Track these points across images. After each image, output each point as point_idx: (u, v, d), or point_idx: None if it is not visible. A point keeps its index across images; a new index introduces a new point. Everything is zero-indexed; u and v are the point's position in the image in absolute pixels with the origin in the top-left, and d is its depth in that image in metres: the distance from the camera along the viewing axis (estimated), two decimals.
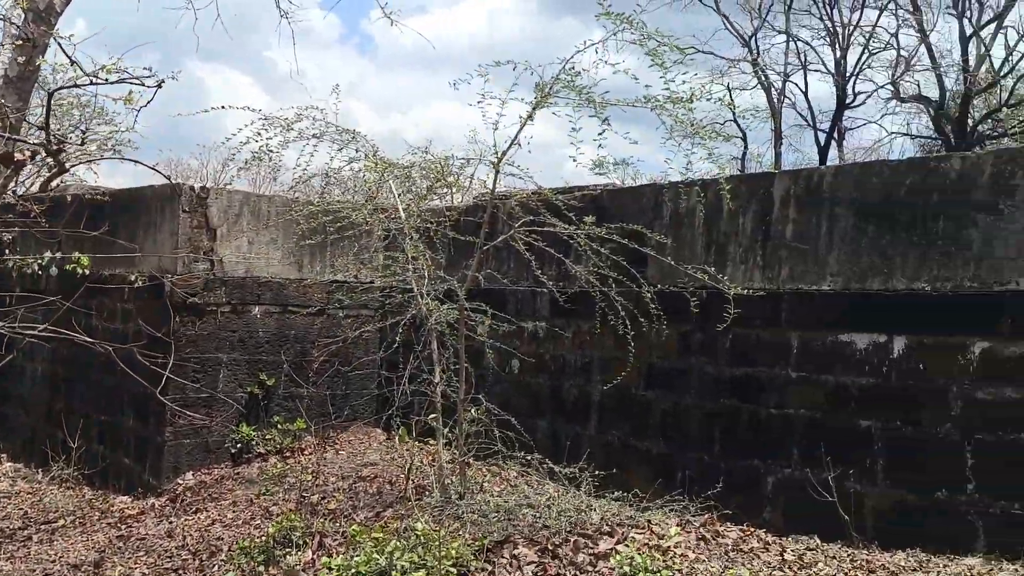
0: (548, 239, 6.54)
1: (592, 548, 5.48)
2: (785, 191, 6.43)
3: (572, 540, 5.55)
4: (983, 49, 24.75)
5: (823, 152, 22.89)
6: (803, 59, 23.16)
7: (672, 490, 6.65)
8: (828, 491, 5.79)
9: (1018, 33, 24.68)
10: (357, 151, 7.25)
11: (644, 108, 5.76)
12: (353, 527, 5.42)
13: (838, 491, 5.77)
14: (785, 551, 5.50)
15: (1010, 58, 24.78)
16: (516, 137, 6.15)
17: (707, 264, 6.73)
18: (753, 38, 22.95)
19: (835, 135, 23.37)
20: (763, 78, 23.14)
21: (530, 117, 6.06)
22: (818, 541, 5.71)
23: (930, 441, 5.50)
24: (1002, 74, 24.95)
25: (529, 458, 6.48)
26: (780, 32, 23.29)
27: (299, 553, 5.57)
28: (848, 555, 5.37)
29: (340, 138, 7.23)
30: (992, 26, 24.23)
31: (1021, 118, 25.39)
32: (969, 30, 24.62)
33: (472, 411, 6.78)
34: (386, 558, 4.77)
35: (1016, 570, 4.83)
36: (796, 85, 23.90)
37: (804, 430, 6.14)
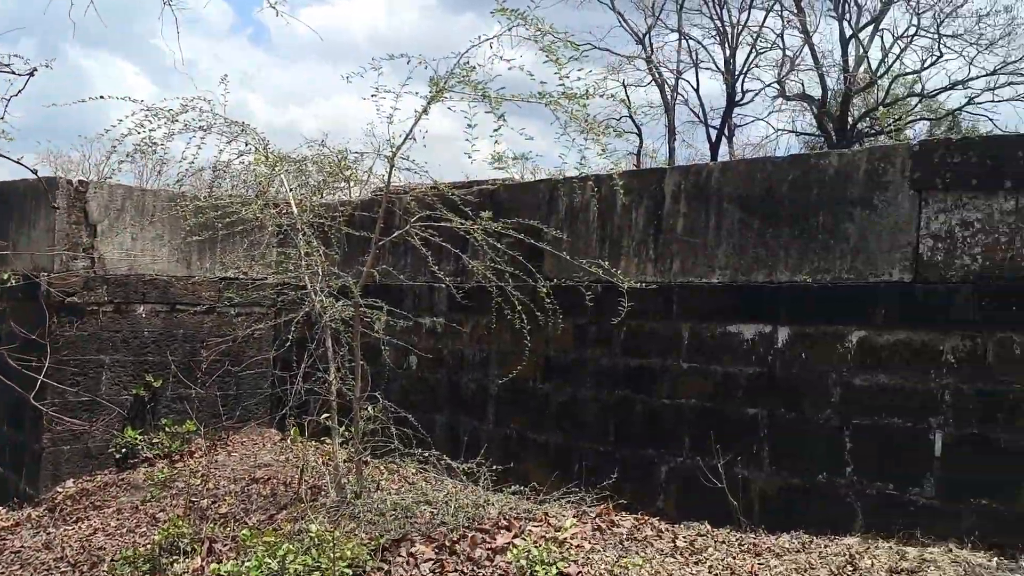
0: (445, 234, 6.51)
1: (490, 543, 5.49)
2: (676, 186, 6.58)
3: (470, 536, 5.55)
4: (861, 51, 26.01)
5: (714, 148, 23.62)
6: (695, 57, 23.83)
7: (569, 481, 6.72)
8: (718, 478, 5.97)
9: (893, 36, 26.06)
10: (247, 144, 7.04)
11: (540, 104, 5.80)
12: (244, 531, 5.26)
13: (727, 477, 5.96)
14: (677, 538, 5.64)
15: (886, 59, 26.07)
16: (411, 131, 6.08)
17: (602, 258, 6.83)
18: (647, 36, 23.46)
19: (726, 131, 24.13)
20: (657, 75, 23.70)
21: (425, 111, 6.01)
22: (709, 527, 5.88)
23: (812, 427, 5.73)
24: (879, 75, 26.27)
25: (427, 455, 6.44)
26: (673, 31, 23.91)
27: (187, 560, 5.38)
28: (737, 539, 5.54)
29: (229, 130, 7.00)
30: (869, 29, 25.46)
31: (896, 117, 26.79)
32: (848, 32, 25.83)
33: (369, 409, 6.69)
34: (278, 562, 4.66)
35: (891, 547, 5.08)
36: (688, 83, 24.54)
37: (695, 419, 6.32)
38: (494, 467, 6.57)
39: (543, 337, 7.04)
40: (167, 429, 8.60)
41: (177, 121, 6.69)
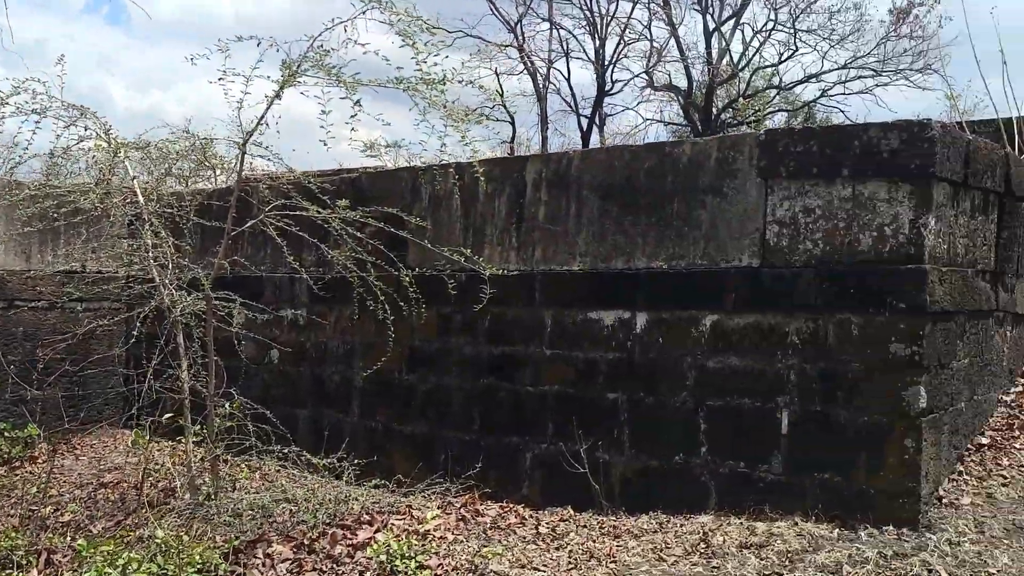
0: (306, 224, 6.30)
1: (350, 539, 5.36)
2: (537, 174, 6.59)
3: (330, 533, 5.41)
4: (724, 44, 26.95)
5: (585, 137, 23.97)
6: (565, 47, 24.07)
7: (436, 472, 6.66)
8: (580, 463, 6.03)
9: (753, 30, 27.10)
10: (87, 129, 6.59)
11: (400, 89, 5.67)
12: (80, 541, 4.94)
13: (589, 462, 6.03)
14: (540, 524, 5.67)
15: (747, 53, 27.08)
16: (263, 117, 5.85)
17: (466, 247, 6.78)
18: (519, 24, 23.52)
19: (596, 120, 24.52)
20: (529, 64, 23.80)
21: (278, 96, 5.78)
22: (572, 511, 5.94)
23: (669, 410, 5.86)
24: (740, 67, 27.29)
25: (288, 451, 6.23)
26: (544, 20, 24.06)
27: (20, 574, 5.00)
28: (598, 522, 5.61)
29: (67, 114, 6.53)
30: (731, 23, 26.39)
31: (756, 108, 27.92)
32: (712, 25, 26.69)
33: (226, 406, 6.41)
34: (119, 572, 4.39)
35: (742, 523, 5.26)
36: (560, 72, 24.73)
37: (558, 405, 6.36)
38: (359, 461, 6.44)
39: (408, 327, 6.93)
40: (6, 434, 8.01)
41: (7, 104, 6.19)
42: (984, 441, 5.79)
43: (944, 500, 5.13)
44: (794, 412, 5.41)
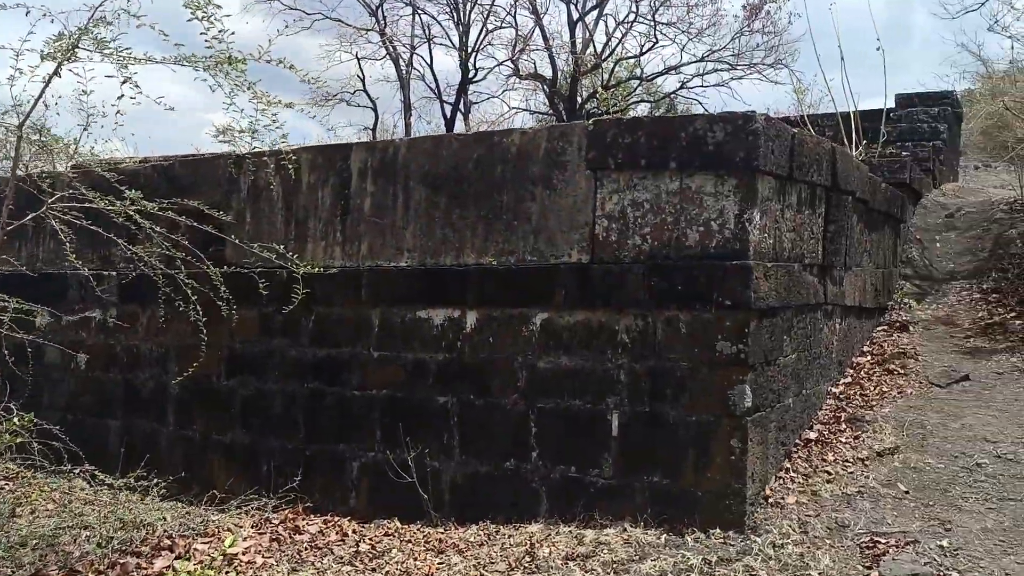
0: (104, 217, 5.61)
1: (145, 569, 4.79)
2: (363, 163, 6.12)
3: (121, 563, 4.82)
4: (588, 34, 27.06)
5: (449, 124, 23.50)
6: (427, 32, 23.50)
7: (257, 484, 6.15)
8: (409, 471, 5.64)
9: (616, 21, 27.34)
10: None
11: (193, 68, 5.09)
12: None
13: (418, 470, 5.65)
14: (363, 540, 5.25)
15: (610, 43, 27.29)
16: (40, 96, 5.14)
17: (288, 241, 6.27)
18: (380, 8, 22.78)
19: (461, 108, 24.11)
20: (391, 49, 23.11)
21: (56, 73, 5.07)
22: (399, 524, 5.54)
23: (500, 413, 5.55)
24: (604, 57, 27.48)
25: (86, 469, 5.57)
26: (407, 4, 23.39)
27: None
28: (424, 536, 5.25)
29: None
30: (595, 13, 26.51)
31: (619, 98, 28.20)
32: (576, 15, 26.73)
33: (14, 420, 5.66)
34: None
35: (571, 531, 5.00)
36: (422, 58, 24.13)
37: (386, 410, 5.94)
38: (172, 476, 5.85)
39: (226, 328, 6.34)
40: None
41: None
42: (812, 436, 5.76)
43: (771, 500, 5.03)
44: (624, 413, 5.19)
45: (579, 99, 26.88)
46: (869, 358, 7.35)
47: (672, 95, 27.99)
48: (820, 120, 13.51)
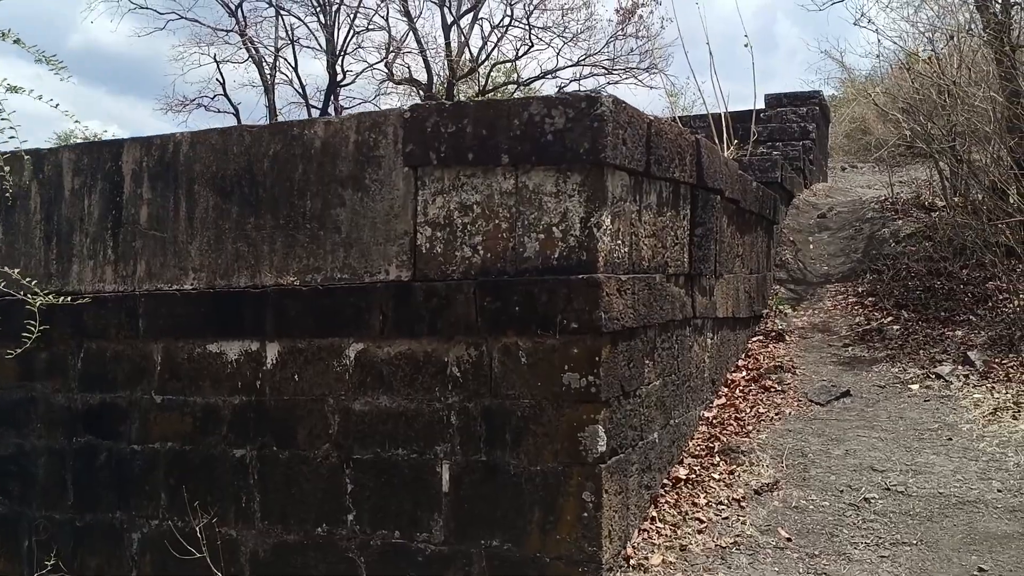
0: None
1: None
2: (137, 165, 4.92)
3: None
4: (463, 38, 26.15)
5: None
6: (291, 34, 22.05)
7: (17, 563, 4.85)
8: (198, 543, 4.47)
9: (491, 25, 26.55)
10: None
11: None
12: None
13: (211, 542, 4.48)
14: None
15: (486, 47, 26.51)
16: None
17: (50, 261, 5.00)
18: (240, 9, 21.19)
19: (330, 113, 22.73)
20: (254, 52, 21.54)
21: None
22: None
23: (309, 467, 4.45)
24: (480, 62, 26.65)
25: None
26: (270, 5, 21.86)
27: None
28: None
29: None
30: (469, 17, 25.64)
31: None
32: (450, 19, 25.80)
33: None
34: None
35: None
36: (287, 61, 22.63)
37: (172, 468, 4.75)
38: None
39: None
40: None
41: None
42: (682, 473, 4.90)
43: (632, 561, 4.12)
44: (457, 464, 4.18)
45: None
46: (744, 374, 6.60)
47: None
48: (692, 122, 12.97)
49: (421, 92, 26.55)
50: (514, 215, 4.11)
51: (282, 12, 21.81)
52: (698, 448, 5.25)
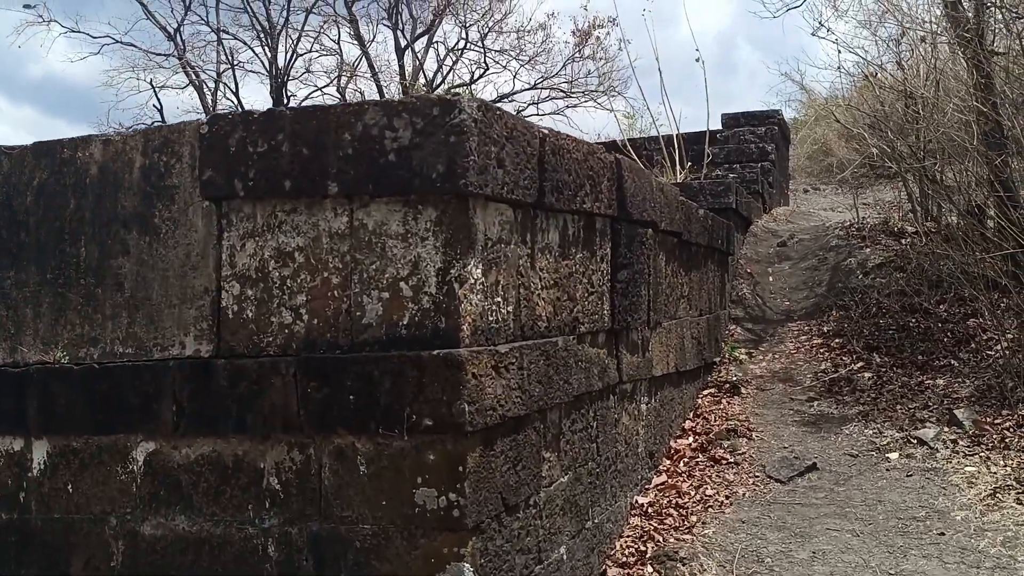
0: None
1: None
2: None
3: None
4: (417, 62, 25.10)
5: None
6: (231, 57, 20.80)
7: None
8: None
9: (447, 48, 25.55)
10: None
11: None
12: None
13: None
14: None
15: (441, 70, 25.55)
16: None
17: None
18: (179, 32, 19.92)
19: None
20: (194, 76, 20.27)
21: None
22: None
23: None
24: (436, 85, 25.60)
25: None
26: (213, 30, 20.61)
27: None
28: None
29: None
30: (424, 40, 24.66)
31: None
32: (404, 42, 24.78)
33: None
34: None
35: None
36: (227, 86, 21.30)
37: None
38: None
39: None
40: None
41: None
42: None
43: None
44: None
45: None
46: (691, 440, 5.41)
47: None
48: (646, 144, 11.89)
49: None
50: (348, 266, 2.90)
51: (224, 35, 20.60)
52: (626, 552, 4.03)
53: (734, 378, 6.39)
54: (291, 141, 2.91)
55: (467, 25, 24.82)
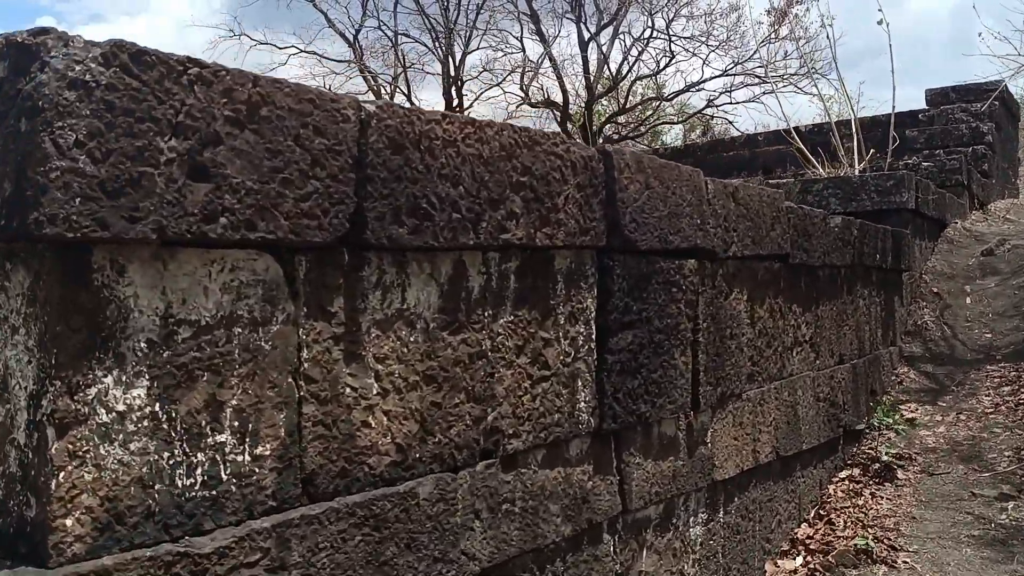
0: None
1: None
2: None
3: None
4: (601, 54, 23.47)
5: None
6: (403, 60, 20.29)
7: None
8: None
9: (633, 38, 23.71)
10: None
11: None
12: None
13: None
14: None
15: (627, 61, 23.88)
16: None
17: None
18: (356, 38, 19.66)
19: None
20: (372, 82, 19.93)
21: None
22: None
23: None
24: (621, 78, 23.90)
25: None
26: (391, 34, 20.24)
27: None
28: None
29: None
30: (609, 31, 23.03)
31: (640, 120, 24.62)
32: (587, 35, 23.27)
33: None
34: None
35: None
36: (400, 91, 20.77)
37: None
38: None
39: None
40: None
41: None
42: None
43: None
44: None
45: (596, 124, 23.28)
46: (799, 561, 3.49)
47: (700, 113, 24.00)
48: (841, 128, 9.66)
49: (556, 113, 24.18)
50: None
51: (398, 35, 20.11)
52: None
53: (889, 454, 4.30)
54: None
55: (653, 12, 22.80)
